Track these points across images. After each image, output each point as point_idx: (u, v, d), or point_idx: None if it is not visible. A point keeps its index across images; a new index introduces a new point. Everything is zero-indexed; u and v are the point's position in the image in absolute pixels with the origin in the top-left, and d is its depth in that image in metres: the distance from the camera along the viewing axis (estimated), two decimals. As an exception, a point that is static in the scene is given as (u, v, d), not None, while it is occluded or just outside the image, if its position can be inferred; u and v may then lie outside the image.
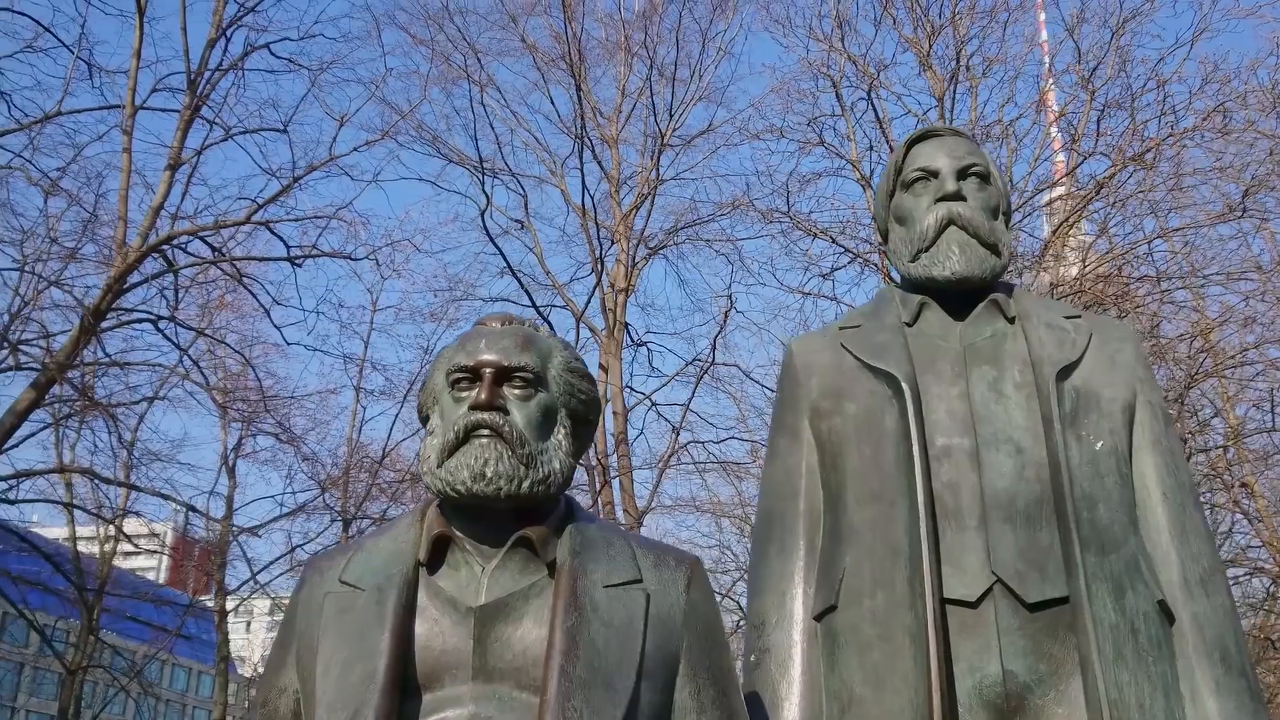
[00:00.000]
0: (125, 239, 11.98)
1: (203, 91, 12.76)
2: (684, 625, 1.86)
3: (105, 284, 11.53)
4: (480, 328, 1.99)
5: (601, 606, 1.78)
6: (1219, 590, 2.19)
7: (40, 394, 11.23)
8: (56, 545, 17.66)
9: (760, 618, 2.33)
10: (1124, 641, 2.06)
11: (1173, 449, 2.32)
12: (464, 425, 1.84)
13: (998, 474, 2.19)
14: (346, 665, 1.72)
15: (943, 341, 2.38)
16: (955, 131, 2.57)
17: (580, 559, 1.84)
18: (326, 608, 1.82)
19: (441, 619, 1.77)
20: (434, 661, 1.74)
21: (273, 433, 15.43)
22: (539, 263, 13.95)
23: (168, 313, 13.21)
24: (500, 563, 1.83)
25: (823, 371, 2.44)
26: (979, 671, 2.10)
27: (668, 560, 1.94)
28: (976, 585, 2.13)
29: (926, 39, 13.13)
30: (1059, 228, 11.48)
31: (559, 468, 1.89)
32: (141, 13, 12.42)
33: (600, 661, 1.72)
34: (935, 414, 2.27)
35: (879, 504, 2.21)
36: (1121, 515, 2.19)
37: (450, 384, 1.92)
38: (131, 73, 12.53)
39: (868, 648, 2.14)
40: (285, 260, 13.46)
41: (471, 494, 1.80)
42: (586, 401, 2.00)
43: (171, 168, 12.42)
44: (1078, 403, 2.25)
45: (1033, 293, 2.61)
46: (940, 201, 2.42)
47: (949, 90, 13.20)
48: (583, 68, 13.33)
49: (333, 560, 1.92)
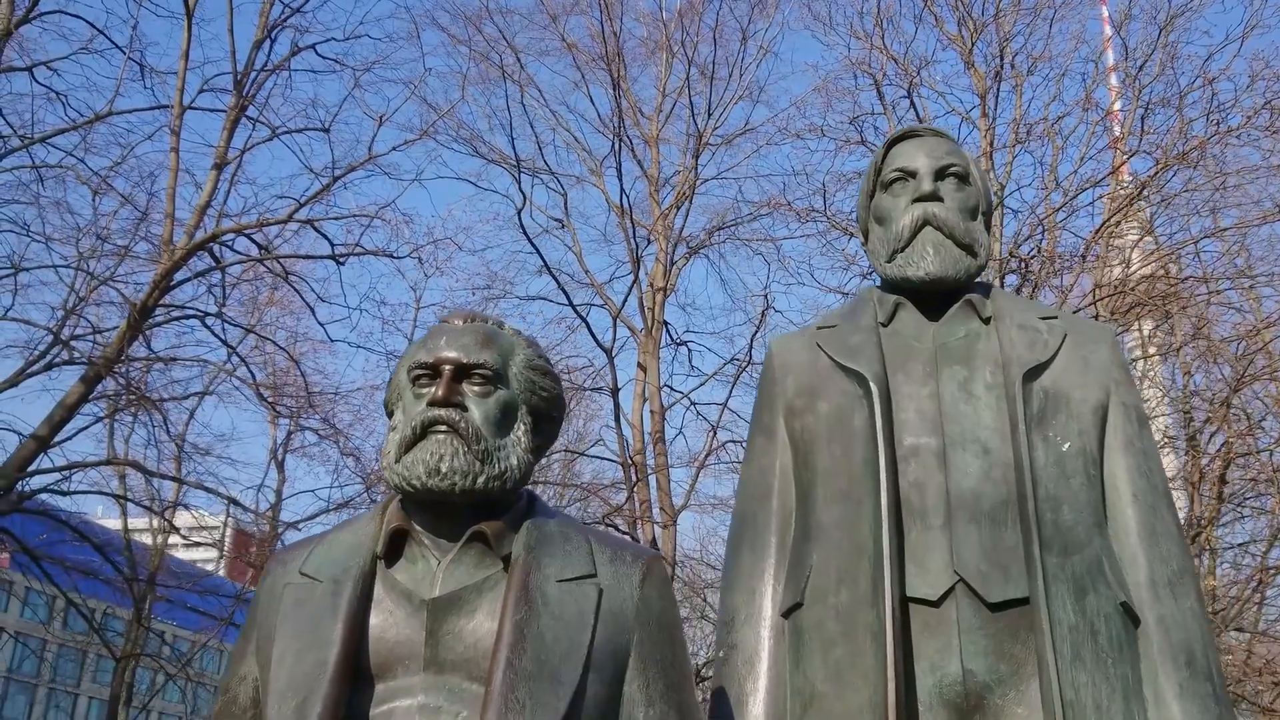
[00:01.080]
0: (172, 237, 12.24)
1: (249, 92, 13.00)
2: (636, 620, 1.88)
3: (152, 281, 11.79)
4: (443, 325, 2.03)
5: (553, 600, 1.81)
6: (1187, 593, 2.17)
7: (89, 388, 11.51)
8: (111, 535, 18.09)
9: (730, 614, 2.36)
10: (1083, 643, 2.06)
11: (1146, 450, 2.30)
12: (421, 421, 1.88)
13: (964, 474, 2.20)
14: (300, 654, 1.77)
15: (916, 342, 2.39)
16: (936, 132, 2.57)
17: (535, 554, 1.87)
18: (285, 598, 1.87)
19: (396, 611, 1.81)
20: (387, 652, 1.78)
21: (317, 429, 15.64)
22: (578, 261, 14.04)
23: (215, 309, 13.46)
24: (456, 556, 1.86)
25: (798, 371, 2.46)
26: (940, 670, 2.11)
27: (624, 556, 1.96)
28: (939, 584, 2.13)
29: (969, 36, 13.00)
30: (1101, 227, 11.32)
31: (516, 464, 1.92)
32: (190, 15, 12.67)
33: (547, 654, 1.75)
34: (905, 414, 2.28)
35: (847, 503, 2.23)
36: (1086, 516, 2.18)
37: (411, 380, 1.96)
38: (180, 73, 12.80)
39: (831, 645, 2.16)
40: (329, 258, 13.66)
41: (427, 489, 1.84)
42: (548, 399, 2.03)
43: (218, 167, 12.68)
44: (1046, 403, 2.25)
45: (1009, 293, 2.60)
46: (917, 202, 2.43)
47: (992, 89, 13.07)
48: (621, 66, 13.40)
49: (296, 552, 1.97)
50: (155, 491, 17.04)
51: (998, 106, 12.80)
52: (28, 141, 12.28)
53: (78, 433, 15.05)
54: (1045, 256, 11.24)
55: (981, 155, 12.42)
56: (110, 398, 13.15)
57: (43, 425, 11.41)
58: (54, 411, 11.45)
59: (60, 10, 13.08)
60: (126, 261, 12.87)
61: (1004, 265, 11.92)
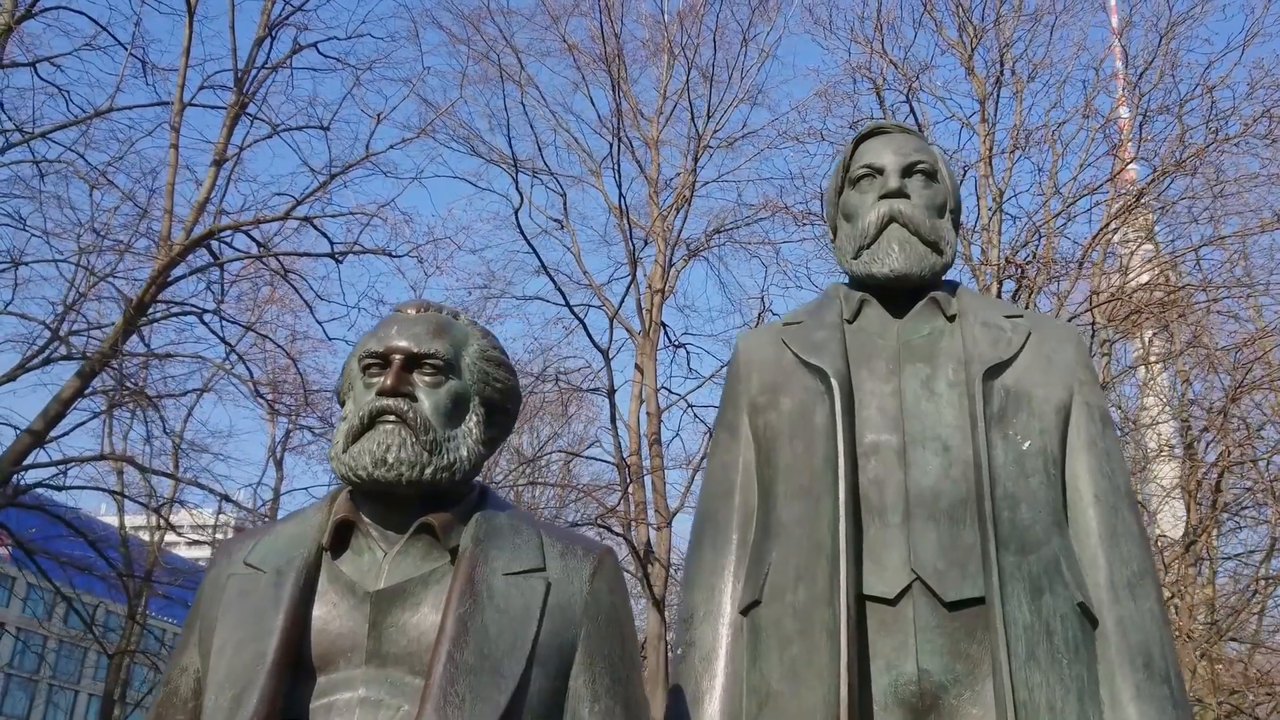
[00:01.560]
0: (170, 233, 12.25)
1: (249, 89, 13.02)
2: (584, 614, 1.87)
3: (149, 277, 11.80)
4: (395, 314, 2.02)
5: (498, 593, 1.79)
6: (1147, 595, 2.15)
7: (84, 383, 11.52)
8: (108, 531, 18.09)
9: (689, 611, 2.34)
10: (1038, 642, 2.04)
11: (1109, 450, 2.29)
12: (369, 411, 1.86)
13: (923, 471, 2.18)
14: (240, 645, 1.75)
15: (880, 339, 2.37)
16: (904, 129, 2.56)
17: (483, 546, 1.85)
18: (229, 588, 1.85)
19: (340, 603, 1.79)
20: (329, 644, 1.76)
21: (314, 428, 15.64)
22: (576, 262, 14.04)
23: (213, 306, 13.46)
24: (402, 548, 1.84)
25: (763, 367, 2.44)
26: (895, 669, 2.09)
27: (575, 549, 1.94)
28: (896, 582, 2.12)
29: (970, 42, 12.99)
30: (1098, 234, 11.29)
31: (466, 455, 1.90)
32: (191, 12, 12.69)
33: (490, 648, 1.73)
34: (867, 410, 2.26)
35: (807, 500, 2.21)
36: (1045, 516, 2.16)
37: (362, 370, 1.94)
38: (180, 70, 12.82)
39: (788, 643, 2.14)
40: (328, 256, 13.65)
41: (373, 479, 1.82)
42: (503, 390, 2.02)
43: (217, 164, 12.68)
44: (1007, 401, 2.23)
45: (976, 291, 2.58)
46: (883, 199, 2.42)
47: (992, 94, 13.06)
48: (622, 67, 13.40)
49: (243, 543, 1.96)
50: (152, 488, 17.05)
51: (997, 112, 12.79)
52: (28, 136, 12.29)
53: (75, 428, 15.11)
54: (1042, 263, 11.22)
55: (980, 160, 12.41)
56: (107, 393, 13.16)
57: (38, 420, 11.41)
58: (49, 406, 11.45)
59: (63, 6, 13.10)
60: (127, 258, 12.89)
61: (1001, 271, 11.91)
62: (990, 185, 12.80)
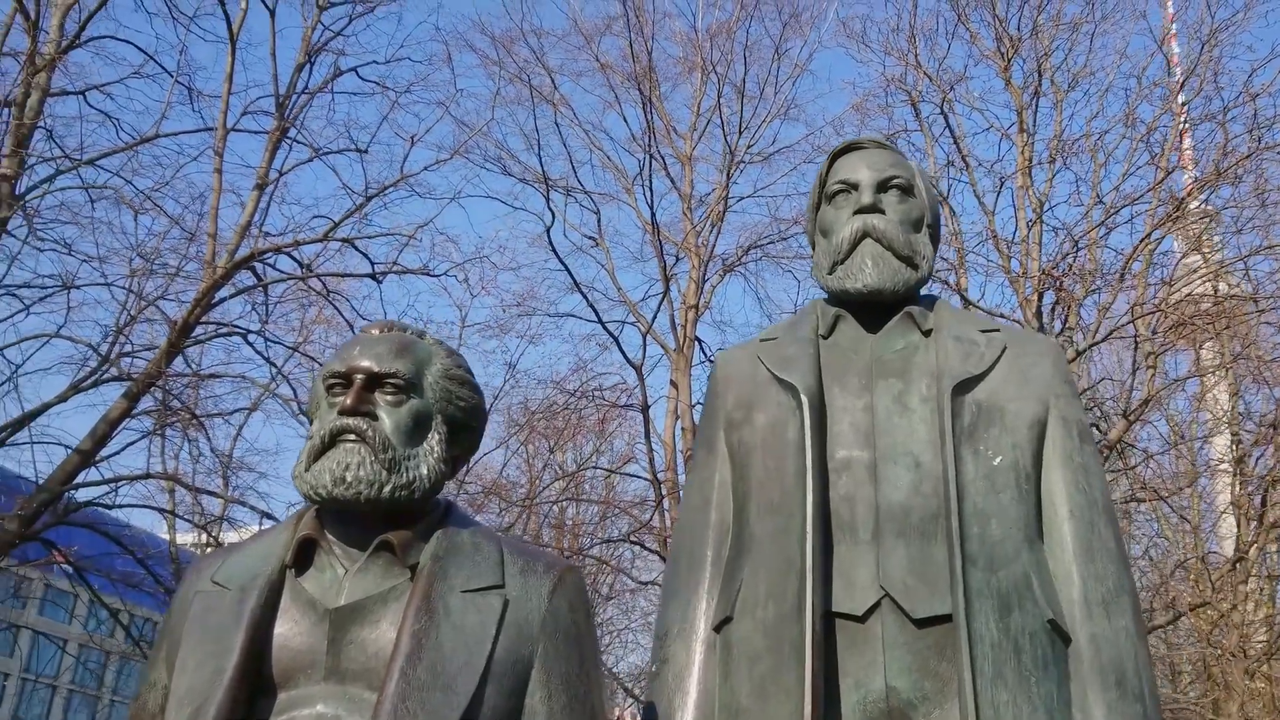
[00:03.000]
0: (215, 256, 12.48)
1: (290, 114, 13.25)
2: (541, 631, 1.88)
3: (194, 299, 12.02)
4: (360, 335, 2.05)
5: (455, 611, 1.81)
6: (1122, 612, 2.12)
7: (131, 404, 11.75)
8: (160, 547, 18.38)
9: (664, 628, 2.35)
10: (1005, 660, 2.02)
11: (1086, 465, 2.26)
12: (330, 430, 1.90)
13: (893, 487, 2.17)
14: (201, 662, 1.78)
15: (854, 354, 2.37)
16: (880, 144, 2.55)
17: (442, 563, 1.87)
18: (195, 606, 1.88)
19: (301, 620, 1.82)
20: (289, 661, 1.79)
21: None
22: (610, 279, 14.10)
23: (258, 327, 13.68)
24: (363, 566, 1.87)
25: (739, 383, 2.45)
26: (864, 687, 2.08)
27: (536, 567, 1.96)
28: (864, 599, 2.11)
29: (1007, 53, 12.88)
30: (1138, 245, 11.11)
31: (426, 473, 1.92)
32: (233, 40, 12.96)
33: (444, 665, 1.74)
34: (839, 426, 2.26)
35: (778, 516, 2.21)
36: (1015, 532, 2.14)
37: (327, 390, 1.98)
38: (223, 96, 13.06)
39: (757, 659, 2.13)
40: (369, 277, 13.82)
41: (333, 498, 1.85)
42: (466, 408, 2.04)
43: (259, 187, 12.91)
44: (978, 417, 2.22)
45: (954, 306, 2.57)
46: (857, 214, 2.41)
47: (1031, 105, 12.94)
48: (653, 84, 13.46)
49: (212, 561, 1.99)
50: (201, 506, 17.32)
51: (1036, 122, 12.64)
52: (77, 163, 12.61)
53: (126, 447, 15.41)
54: (1080, 274, 11.06)
55: (1018, 171, 12.28)
56: (155, 413, 13.41)
57: (86, 439, 11.65)
58: (97, 426, 11.69)
59: (110, 36, 13.48)
60: (176, 281, 13.16)
61: (1041, 283, 11.76)
62: (1030, 196, 12.67)
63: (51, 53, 11.62)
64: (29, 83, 11.67)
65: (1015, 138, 12.62)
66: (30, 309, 12.65)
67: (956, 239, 12.91)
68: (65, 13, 12.34)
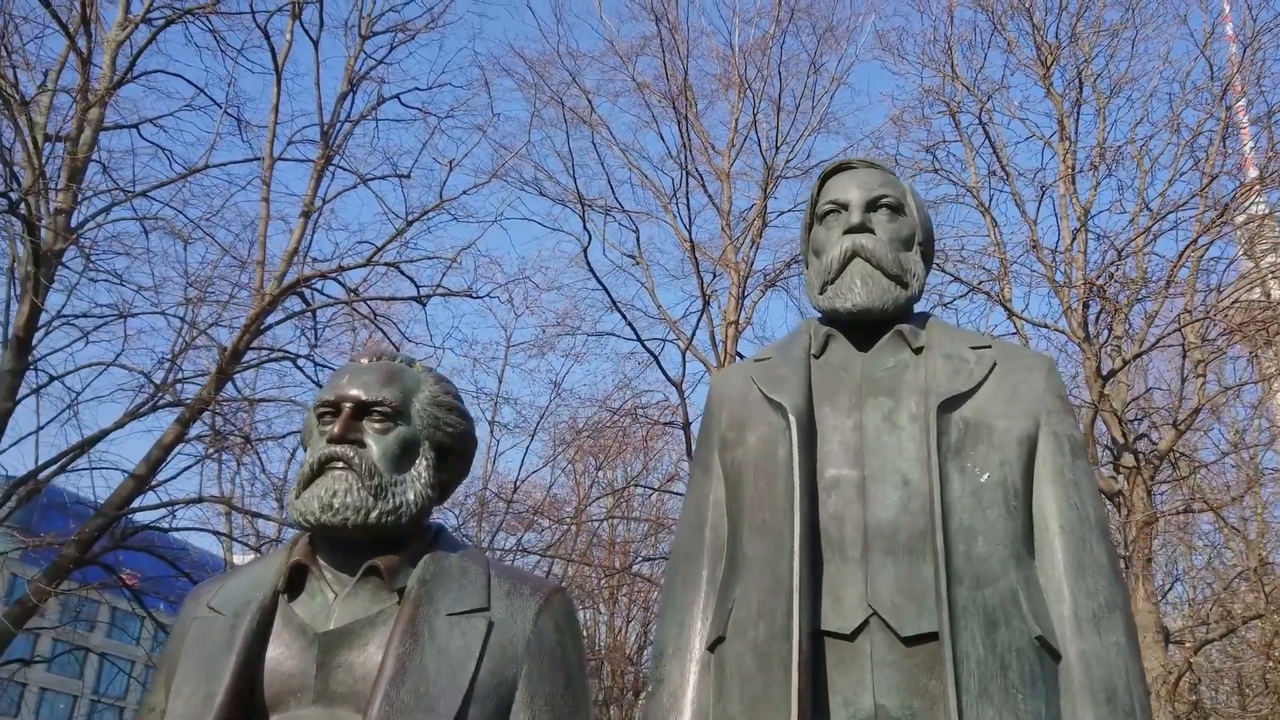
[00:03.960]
0: (263, 283, 12.75)
1: (335, 142, 13.52)
2: (526, 652, 1.91)
3: (243, 325, 12.28)
4: (349, 364, 2.11)
5: (440, 634, 1.86)
6: (1114, 628, 2.11)
7: (184, 429, 12.01)
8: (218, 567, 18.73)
9: (660, 649, 2.37)
10: (991, 678, 2.02)
11: (1077, 481, 2.25)
12: (319, 458, 1.95)
13: (882, 505, 2.18)
14: (194, 686, 1.84)
15: (844, 373, 2.38)
16: (870, 163, 2.57)
17: (428, 587, 1.92)
18: (191, 632, 1.95)
19: (292, 644, 1.87)
20: (280, 685, 1.84)
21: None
22: (650, 296, 14.15)
23: (307, 351, 13.91)
24: (352, 590, 1.92)
25: (732, 404, 2.47)
26: (852, 705, 2.08)
27: (522, 590, 2.00)
28: (853, 618, 2.11)
29: (1047, 60, 12.76)
30: (1184, 251, 10.93)
31: (413, 498, 1.97)
32: (278, 72, 13.28)
33: (428, 687, 1.79)
34: (829, 445, 2.27)
35: (768, 535, 2.22)
36: (1002, 549, 2.14)
37: (318, 419, 2.04)
38: (270, 126, 13.38)
39: (748, 679, 2.15)
40: (413, 300, 14.02)
41: (321, 524, 1.91)
42: (454, 434, 2.09)
43: (305, 214, 13.18)
44: (965, 434, 2.22)
45: (947, 323, 2.57)
46: (847, 234, 2.43)
47: (1073, 113, 12.81)
48: (689, 102, 13.52)
49: (210, 587, 2.06)
50: (256, 528, 17.62)
51: (1078, 129, 12.50)
52: (130, 195, 12.95)
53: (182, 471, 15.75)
54: (1126, 282, 10.91)
55: (1060, 179, 12.15)
56: (207, 438, 13.69)
57: (141, 464, 11.93)
58: (151, 451, 11.97)
59: (161, 70, 13.85)
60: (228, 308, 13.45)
61: (1086, 292, 11.62)
62: (1075, 204, 12.52)
63: (104, 88, 11.97)
64: (82, 118, 12.03)
65: (1057, 146, 12.48)
66: (89, 336, 13.02)
67: (999, 249, 12.81)
68: (117, 49, 12.72)
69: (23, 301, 11.25)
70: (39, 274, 11.05)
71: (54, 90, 12.45)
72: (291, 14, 13.61)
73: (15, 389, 11.41)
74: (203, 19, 13.05)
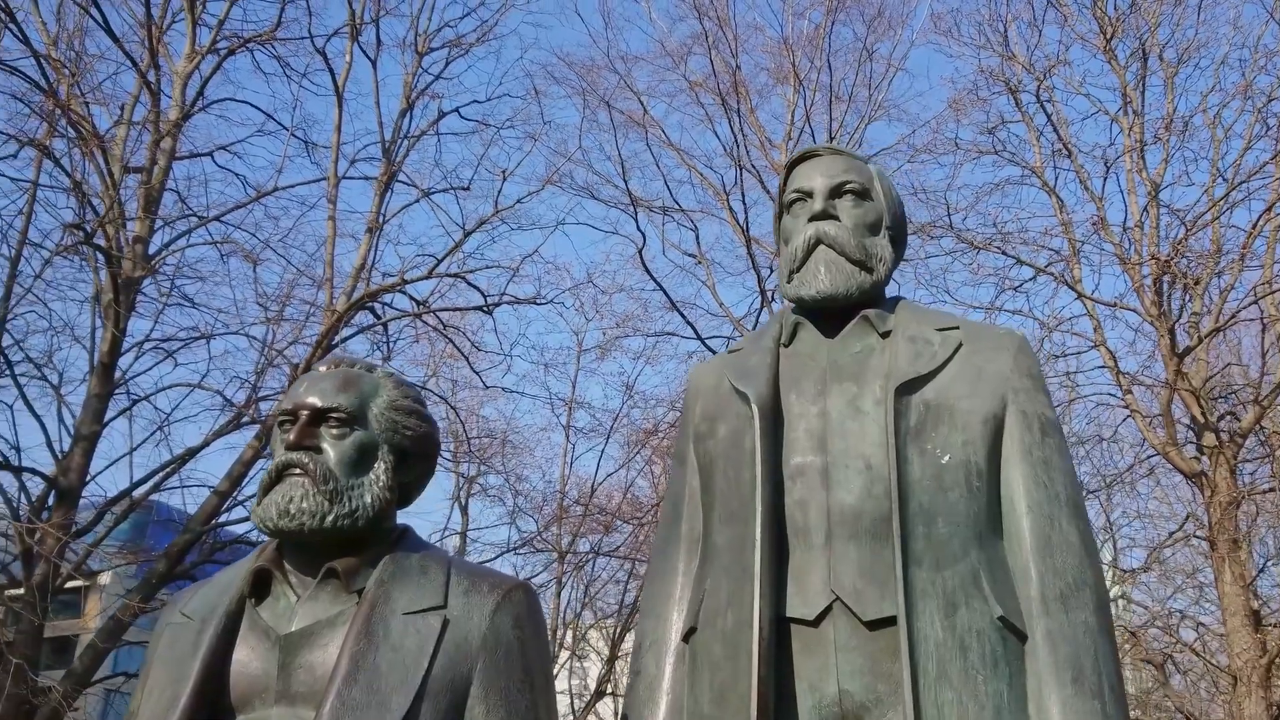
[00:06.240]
0: (333, 300, 13.06)
1: (396, 158, 13.79)
2: (481, 648, 1.95)
3: (315, 341, 12.59)
4: (309, 374, 2.17)
5: (394, 633, 1.90)
6: (1081, 606, 2.08)
7: (262, 445, 12.35)
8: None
9: (638, 641, 2.40)
10: (950, 660, 2.00)
11: (1046, 459, 2.22)
12: (277, 465, 2.02)
13: (846, 491, 2.17)
14: (162, 690, 1.92)
15: (811, 360, 2.38)
16: (835, 150, 2.56)
17: (385, 587, 1.97)
18: (164, 638, 2.03)
19: (257, 646, 1.94)
20: (245, 686, 1.91)
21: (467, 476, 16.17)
22: (711, 294, 14.15)
23: (380, 364, 14.19)
24: (312, 593, 1.98)
25: (705, 396, 2.49)
26: (818, 691, 2.09)
27: (481, 586, 2.03)
28: (816, 603, 2.12)
29: (1108, 32, 12.42)
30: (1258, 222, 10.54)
31: (370, 501, 2.02)
32: (339, 93, 13.59)
33: (380, 684, 1.83)
34: (794, 432, 2.27)
35: (736, 525, 2.23)
36: (964, 530, 2.12)
37: (278, 426, 2.11)
38: (334, 146, 13.68)
39: (717, 668, 2.16)
40: (480, 309, 14.22)
41: (279, 529, 1.97)
42: (413, 437, 2.13)
43: (371, 231, 13.47)
44: (926, 416, 2.20)
45: (918, 305, 2.55)
46: (811, 221, 2.43)
47: (1138, 85, 12.45)
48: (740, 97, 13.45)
49: (186, 594, 2.13)
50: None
51: (1144, 102, 12.15)
52: (204, 220, 13.38)
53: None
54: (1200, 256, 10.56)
55: (1125, 153, 11.82)
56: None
57: (224, 481, 12.31)
58: (233, 467, 12.33)
59: (229, 98, 14.30)
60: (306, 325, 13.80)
61: (1158, 268, 11.28)
62: (1144, 178, 12.18)
63: (174, 119, 12.39)
64: (155, 149, 12.47)
65: (1121, 120, 12.15)
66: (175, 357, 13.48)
67: (1067, 229, 12.50)
68: (185, 80, 13.16)
69: (106, 329, 11.68)
70: (119, 302, 11.46)
71: (128, 123, 12.92)
72: (350, 36, 13.92)
73: (102, 413, 11.85)
74: (266, 46, 13.43)
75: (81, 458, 11.42)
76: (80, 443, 11.44)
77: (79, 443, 11.44)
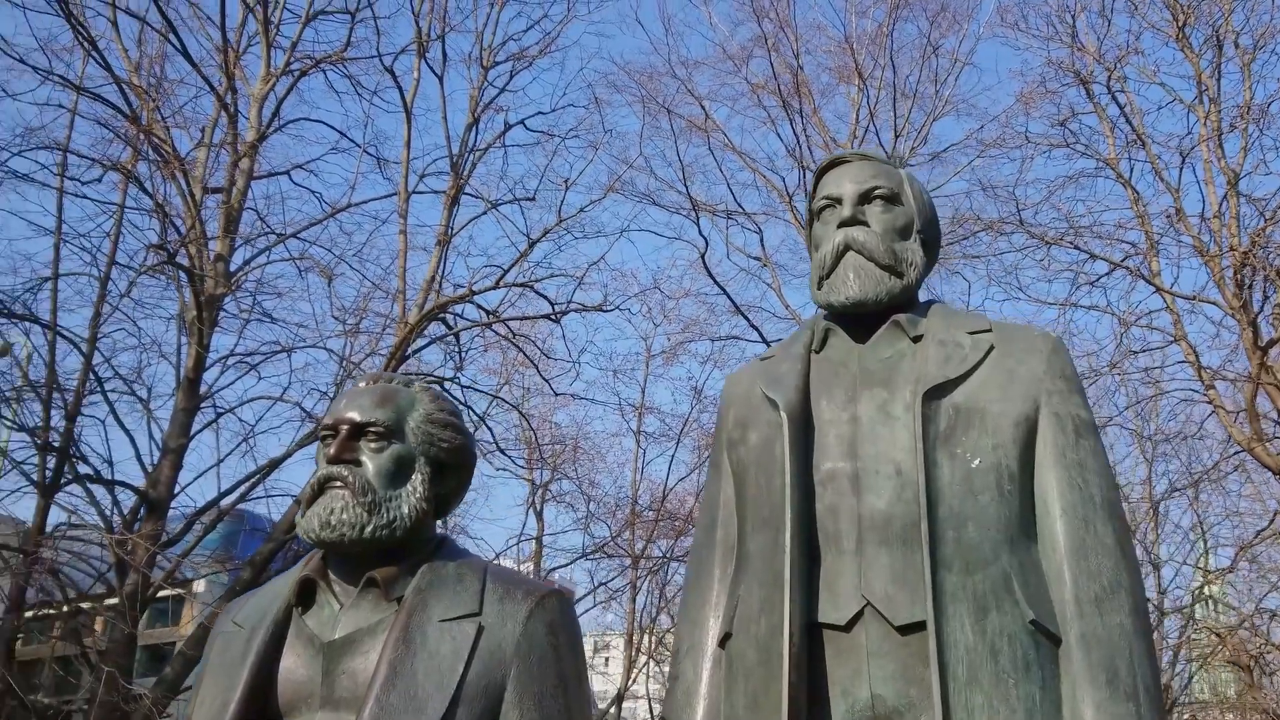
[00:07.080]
0: (405, 311, 13.32)
1: (464, 172, 14.01)
2: (515, 654, 2.01)
3: (389, 353, 12.85)
4: (349, 389, 2.26)
5: (431, 640, 1.97)
6: (1117, 609, 2.06)
7: (339, 455, 12.62)
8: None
9: (675, 646, 2.44)
10: (980, 664, 2.00)
11: (1081, 461, 2.20)
12: (318, 478, 2.11)
13: (876, 496, 2.18)
14: (214, 697, 2.01)
15: (842, 366, 2.39)
16: (864, 156, 2.57)
17: (423, 595, 2.04)
18: (216, 645, 2.13)
19: (302, 653, 2.02)
20: (292, 693, 1.99)
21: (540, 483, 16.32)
22: (777, 297, 14.10)
23: (452, 374, 14.44)
24: (354, 601, 2.06)
25: (738, 403, 2.52)
26: (851, 696, 2.10)
27: (515, 594, 2.09)
28: (848, 609, 2.13)
29: (1180, 19, 12.11)
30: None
31: (407, 512, 2.09)
32: (408, 110, 13.87)
33: (417, 690, 1.90)
34: (825, 439, 2.29)
35: (768, 531, 2.26)
36: (994, 534, 2.12)
37: (320, 440, 2.19)
38: (403, 162, 13.97)
39: (750, 674, 2.19)
40: (548, 318, 14.37)
41: (321, 541, 2.06)
42: (449, 449, 2.20)
43: (440, 243, 13.70)
44: (956, 420, 2.21)
45: (951, 309, 2.54)
46: (840, 228, 2.44)
47: (1214, 72, 12.11)
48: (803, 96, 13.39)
49: (239, 603, 2.23)
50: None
51: (1219, 90, 11.82)
52: (282, 237, 13.75)
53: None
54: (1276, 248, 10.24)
55: (1201, 143, 11.51)
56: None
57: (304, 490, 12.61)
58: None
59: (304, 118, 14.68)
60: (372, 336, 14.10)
61: (1240, 259, 10.96)
62: (1223, 167, 11.85)
63: (251, 140, 12.76)
64: (233, 169, 12.85)
65: (1197, 109, 11.83)
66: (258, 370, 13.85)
67: (1144, 221, 12.21)
68: (262, 102, 13.53)
69: (190, 345, 12.06)
70: (203, 319, 11.83)
71: (208, 145, 13.33)
72: (417, 53, 14.18)
73: (189, 426, 12.21)
74: (337, 66, 13.75)
75: (170, 470, 11.79)
76: (169, 455, 11.81)
77: (167, 455, 11.81)
